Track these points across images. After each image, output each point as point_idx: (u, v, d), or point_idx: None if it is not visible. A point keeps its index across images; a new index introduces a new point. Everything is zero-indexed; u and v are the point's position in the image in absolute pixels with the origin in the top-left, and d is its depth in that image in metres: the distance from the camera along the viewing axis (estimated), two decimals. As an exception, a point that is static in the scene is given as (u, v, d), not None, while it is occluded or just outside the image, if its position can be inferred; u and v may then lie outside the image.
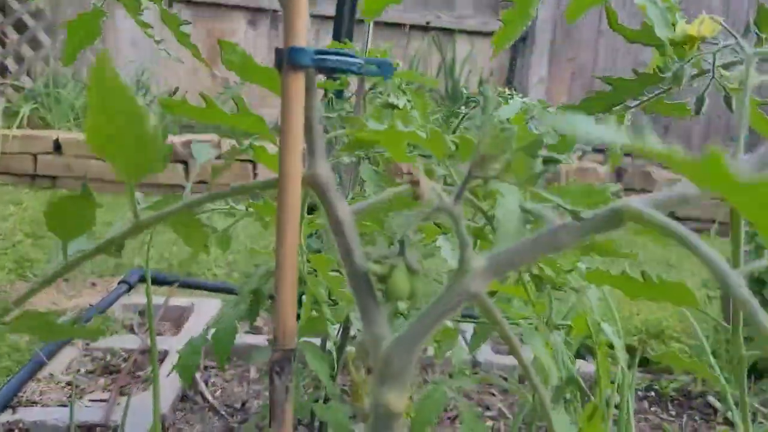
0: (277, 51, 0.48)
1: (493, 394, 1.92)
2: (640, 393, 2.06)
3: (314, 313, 1.07)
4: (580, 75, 6.08)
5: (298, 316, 0.94)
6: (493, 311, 0.42)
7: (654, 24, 0.52)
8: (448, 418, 1.75)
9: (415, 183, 0.42)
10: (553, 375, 0.49)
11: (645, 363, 2.19)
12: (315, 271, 1.08)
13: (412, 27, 5.64)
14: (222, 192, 0.48)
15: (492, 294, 0.65)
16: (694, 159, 0.21)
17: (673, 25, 0.57)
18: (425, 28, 5.62)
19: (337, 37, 1.61)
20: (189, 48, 0.76)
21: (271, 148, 0.58)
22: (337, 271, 0.84)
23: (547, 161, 0.44)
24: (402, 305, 0.45)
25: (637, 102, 0.67)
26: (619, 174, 4.77)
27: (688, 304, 0.59)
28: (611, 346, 1.35)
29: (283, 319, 0.48)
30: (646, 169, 4.79)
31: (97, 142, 0.40)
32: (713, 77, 0.53)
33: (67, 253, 0.48)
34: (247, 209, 0.75)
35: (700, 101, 0.55)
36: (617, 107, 0.68)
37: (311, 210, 0.84)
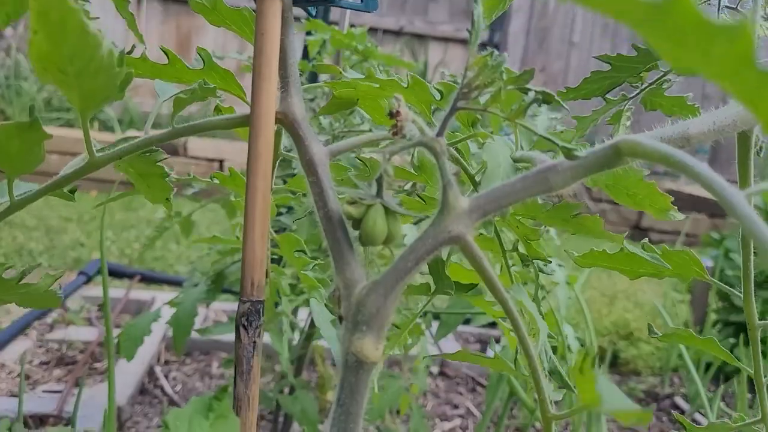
0: (250, -21, 0.44)
1: (461, 393, 1.89)
2: (608, 393, 2.05)
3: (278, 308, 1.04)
4: (551, 84, 6.13)
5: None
6: (480, 257, 0.39)
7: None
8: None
9: (395, 115, 0.38)
10: (543, 329, 0.45)
11: (614, 364, 2.19)
12: (279, 259, 1.05)
13: (386, 32, 5.63)
14: (183, 127, 0.44)
15: (473, 287, 0.61)
16: None
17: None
18: (398, 33, 5.62)
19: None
20: (125, 16, 0.70)
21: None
22: (302, 251, 0.80)
23: (540, 97, 0.41)
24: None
25: (636, 92, 0.63)
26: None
27: (696, 275, 0.55)
28: (572, 347, 1.33)
29: (250, 269, 0.45)
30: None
31: (45, 68, 0.36)
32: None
33: (14, 192, 0.44)
34: (211, 179, 0.71)
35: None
36: (615, 89, 0.63)
37: (284, 181, 0.80)
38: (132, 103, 4.71)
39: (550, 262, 0.57)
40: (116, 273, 2.14)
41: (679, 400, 2.01)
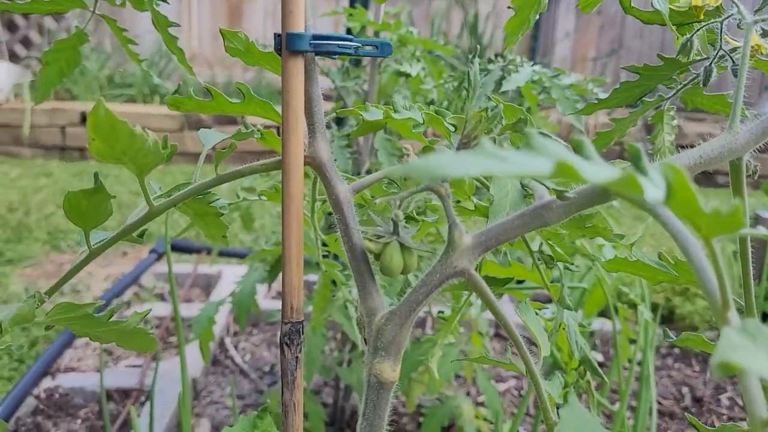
0: (276, 36, 0.50)
1: (515, 354, 1.95)
2: (663, 350, 2.08)
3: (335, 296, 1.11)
4: (608, 28, 5.96)
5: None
6: (482, 287, 0.44)
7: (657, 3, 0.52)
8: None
9: (405, 156, 0.44)
10: (545, 346, 0.51)
11: (671, 320, 2.21)
12: (329, 255, 1.12)
13: (435, -15, 5.57)
14: (227, 174, 0.50)
15: (508, 281, 0.66)
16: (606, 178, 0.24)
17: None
18: (447, -14, 5.54)
19: (352, 2, 1.61)
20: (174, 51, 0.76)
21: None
22: None
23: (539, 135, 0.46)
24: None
25: (672, 93, 0.64)
26: (648, 128, 4.70)
27: None
28: (634, 305, 1.36)
29: (290, 295, 0.51)
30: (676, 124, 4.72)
31: (103, 158, 0.43)
32: (721, 47, 0.54)
33: (90, 241, 0.51)
34: (259, 197, 0.78)
35: (707, 72, 0.55)
36: (649, 95, 0.65)
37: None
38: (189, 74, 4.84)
39: (573, 263, 0.62)
40: (184, 249, 2.26)
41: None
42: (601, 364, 1.88)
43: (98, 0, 0.74)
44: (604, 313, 1.99)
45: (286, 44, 0.49)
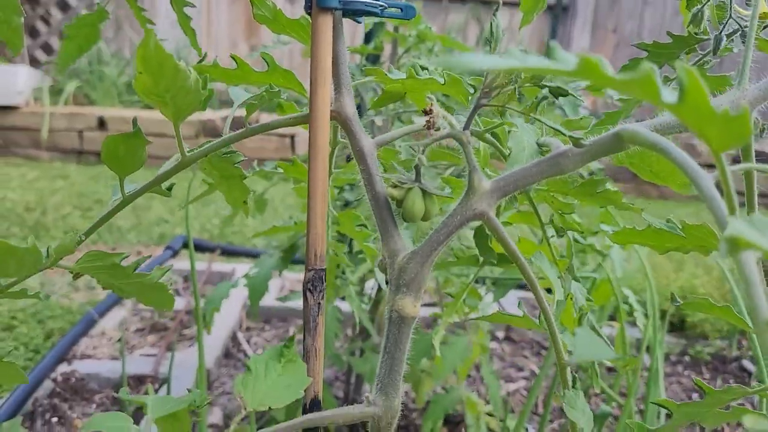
0: (306, -3, 0.52)
1: (526, 357, 1.96)
2: (673, 357, 2.08)
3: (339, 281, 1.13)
4: (624, 46, 5.99)
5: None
6: (500, 230, 0.46)
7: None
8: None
9: (428, 112, 0.46)
10: (558, 291, 0.52)
11: (681, 328, 2.21)
12: (341, 237, 1.14)
13: (451, 0, 5.63)
14: (257, 126, 0.52)
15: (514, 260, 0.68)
16: (623, 77, 0.26)
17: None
18: (463, 1, 5.60)
19: None
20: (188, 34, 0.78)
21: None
22: (363, 225, 0.88)
23: (553, 91, 0.48)
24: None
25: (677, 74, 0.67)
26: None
27: (713, 246, 0.60)
28: (634, 310, 1.37)
29: (313, 245, 0.53)
30: (690, 142, 4.74)
31: (147, 95, 0.45)
32: (730, 15, 0.56)
33: (125, 190, 0.54)
34: (276, 168, 0.80)
35: (717, 41, 0.57)
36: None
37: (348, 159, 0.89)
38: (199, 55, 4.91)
39: (582, 233, 0.64)
40: (199, 247, 2.29)
41: (747, 363, 2.01)
42: (611, 369, 1.88)
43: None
44: (614, 318, 2.00)
45: (317, 1, 0.51)
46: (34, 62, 4.83)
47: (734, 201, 0.31)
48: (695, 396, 1.87)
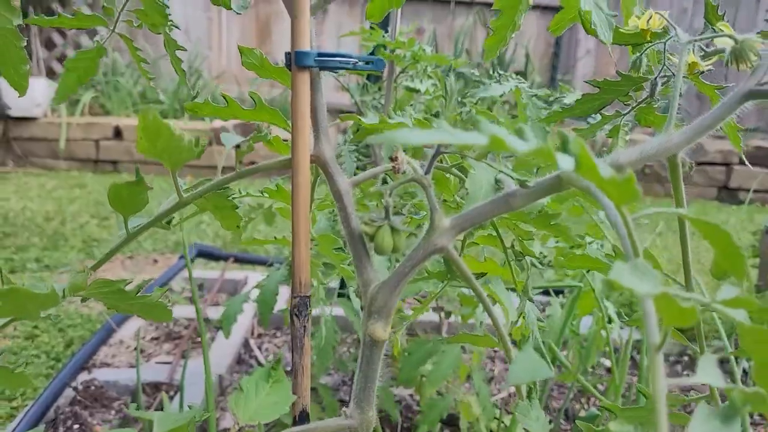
0: (287, 54, 0.59)
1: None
2: (672, 358, 2.12)
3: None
4: (629, 45, 6.00)
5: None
6: (459, 263, 0.53)
7: (599, 27, 0.60)
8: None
9: (394, 159, 0.52)
10: (511, 311, 0.59)
11: (680, 330, 2.25)
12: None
13: (458, 3, 5.68)
14: (245, 170, 0.59)
15: (482, 276, 0.74)
16: (528, 148, 0.32)
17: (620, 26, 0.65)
18: (470, 4, 5.64)
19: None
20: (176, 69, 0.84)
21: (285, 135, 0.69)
22: (341, 248, 0.93)
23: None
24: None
25: (628, 109, 0.72)
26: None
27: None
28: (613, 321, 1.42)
29: (298, 273, 0.60)
30: (699, 142, 4.75)
31: (146, 153, 0.52)
32: (664, 64, 0.62)
33: (129, 227, 0.61)
34: (262, 193, 0.87)
35: (653, 86, 0.63)
36: (607, 107, 0.74)
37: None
38: (218, 90, 5.01)
39: (540, 260, 0.70)
40: (212, 256, 2.37)
41: (745, 363, 2.05)
42: (609, 369, 1.93)
43: (118, 20, 0.82)
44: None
45: (295, 60, 0.58)
46: (50, 74, 4.94)
47: (636, 245, 0.37)
48: (692, 394, 1.91)
